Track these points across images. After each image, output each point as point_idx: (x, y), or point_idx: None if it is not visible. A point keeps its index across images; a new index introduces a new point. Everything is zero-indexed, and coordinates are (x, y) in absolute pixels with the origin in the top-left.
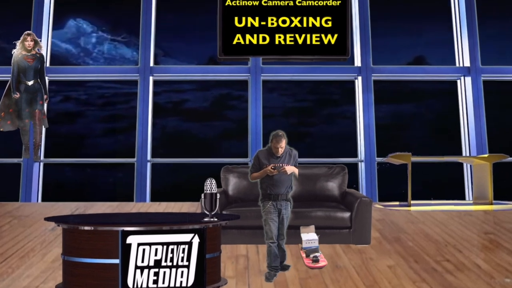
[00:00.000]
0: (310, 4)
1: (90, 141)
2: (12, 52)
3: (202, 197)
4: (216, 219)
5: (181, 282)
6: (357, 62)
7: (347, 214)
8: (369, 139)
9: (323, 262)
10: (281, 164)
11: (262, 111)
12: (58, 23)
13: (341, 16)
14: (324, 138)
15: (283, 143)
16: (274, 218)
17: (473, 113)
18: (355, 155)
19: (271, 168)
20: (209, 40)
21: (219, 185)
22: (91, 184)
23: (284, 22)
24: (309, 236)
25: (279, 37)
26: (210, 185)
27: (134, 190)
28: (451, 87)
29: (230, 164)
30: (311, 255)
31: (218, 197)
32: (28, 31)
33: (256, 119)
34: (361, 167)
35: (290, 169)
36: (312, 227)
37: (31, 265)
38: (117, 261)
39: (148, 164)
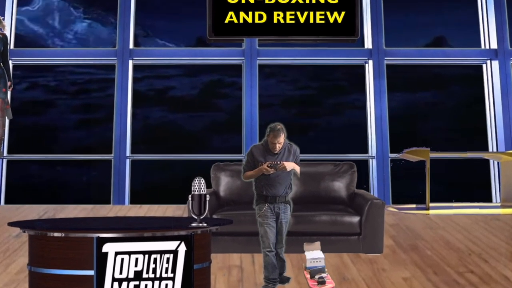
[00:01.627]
0: None
1: (60, 134)
2: None
3: (189, 199)
4: (205, 224)
5: None
6: (368, 43)
7: (356, 219)
8: (381, 132)
9: (330, 284)
10: (278, 162)
11: (258, 100)
12: None
13: None
14: (329, 131)
15: (282, 139)
16: (271, 223)
17: (500, 102)
18: (365, 151)
19: (267, 166)
20: (198, 19)
21: (208, 185)
22: (62, 184)
23: None
24: (314, 254)
25: (278, 15)
26: (199, 185)
27: (111, 190)
28: (476, 72)
29: (222, 161)
30: (317, 276)
31: (207, 199)
32: None
33: (252, 110)
34: (372, 164)
35: (290, 165)
36: (318, 243)
37: None
38: (91, 272)
39: (127, 161)
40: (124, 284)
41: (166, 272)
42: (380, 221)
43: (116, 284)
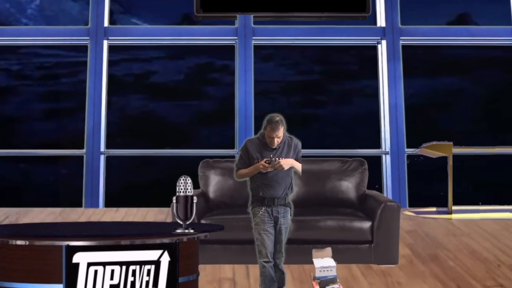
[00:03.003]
0: None
1: (24, 126)
2: None
3: (174, 201)
4: (192, 231)
5: None
6: (381, 21)
7: (367, 224)
8: (396, 124)
9: None
10: (276, 158)
11: (253, 87)
12: None
13: None
14: (336, 122)
15: (281, 132)
16: (269, 229)
17: None
18: (378, 145)
19: (265, 162)
20: None
21: (196, 185)
22: (26, 184)
23: None
24: (324, 262)
25: None
26: (184, 185)
27: (83, 191)
28: (506, 54)
29: (211, 157)
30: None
31: (195, 201)
32: None
33: (246, 98)
34: (386, 161)
35: (288, 162)
36: (329, 250)
37: None
38: (60, 286)
39: (102, 157)
40: None
41: (147, 286)
42: (395, 227)
43: None
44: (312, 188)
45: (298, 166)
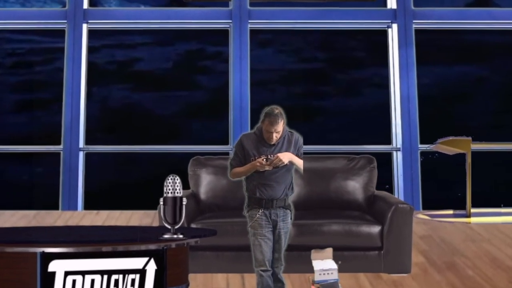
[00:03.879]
0: None
1: None
2: None
3: (161, 203)
4: (181, 236)
5: None
6: (391, 3)
7: (376, 229)
8: (408, 117)
9: None
10: (274, 155)
11: (249, 76)
12: None
13: None
14: (342, 115)
15: (280, 126)
16: (267, 234)
17: None
18: (388, 141)
19: (263, 160)
20: None
21: (186, 185)
22: None
23: None
24: (324, 265)
25: None
26: (173, 186)
27: (59, 192)
28: None
29: (203, 154)
30: None
31: (184, 203)
32: None
33: (241, 88)
34: (397, 158)
35: (287, 155)
36: (329, 250)
37: None
38: None
39: (81, 154)
40: None
41: None
42: (407, 232)
43: None
44: (315, 188)
45: (299, 162)
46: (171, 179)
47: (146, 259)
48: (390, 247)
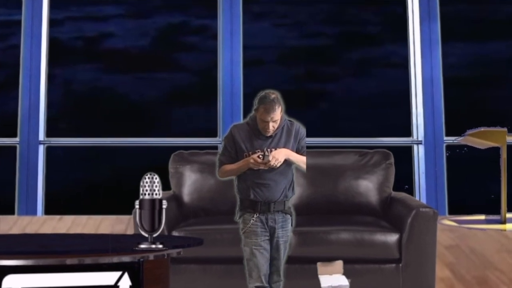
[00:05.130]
0: None
1: None
2: None
3: (137, 206)
4: (161, 246)
5: None
6: None
7: (393, 237)
8: (432, 104)
9: None
10: (273, 150)
11: (242, 54)
12: None
13: None
14: (352, 102)
15: (277, 114)
16: (262, 244)
17: None
18: (408, 133)
19: (258, 157)
20: None
21: (166, 185)
22: None
23: None
24: (333, 281)
25: None
26: (151, 186)
27: (15, 193)
28: None
29: (186, 148)
30: None
31: (164, 206)
32: None
33: (232, 69)
34: (419, 153)
35: (282, 152)
36: (339, 264)
37: None
38: None
39: (41, 148)
40: None
41: None
42: (431, 241)
43: None
44: (320, 189)
45: (300, 159)
46: (149, 178)
47: (118, 273)
48: (410, 259)
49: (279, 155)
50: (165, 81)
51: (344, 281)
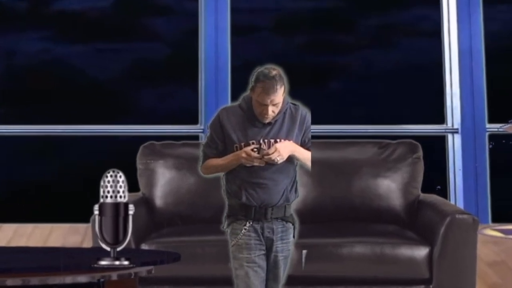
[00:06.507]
0: None
1: None
2: None
3: (96, 212)
4: (127, 263)
5: None
6: None
7: (422, 251)
8: (471, 82)
9: None
10: (271, 141)
11: (230, 19)
12: None
13: None
14: (369, 79)
15: (279, 95)
16: (257, 260)
17: None
18: (440, 119)
19: (252, 150)
20: None
21: (134, 185)
22: None
23: None
24: None
25: None
26: (114, 187)
27: None
28: None
29: (159, 137)
30: None
31: (131, 212)
32: None
33: (217, 38)
34: (454, 144)
35: (287, 148)
36: None
37: None
38: None
39: None
40: None
41: None
42: (469, 256)
43: None
44: (329, 190)
45: (305, 155)
46: (111, 176)
47: None
48: (443, 279)
49: (284, 150)
50: (132, 53)
51: None
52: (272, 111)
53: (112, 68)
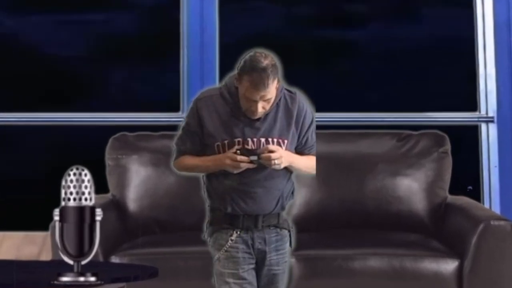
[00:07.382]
0: None
1: None
2: None
3: (56, 218)
4: (93, 279)
5: None
6: None
7: (450, 265)
8: (509, 62)
9: None
10: (262, 142)
11: None
12: None
13: None
14: (387, 59)
15: (271, 90)
16: (246, 276)
17: None
18: (472, 106)
19: (235, 152)
20: None
21: (102, 185)
22: None
23: None
24: None
25: None
26: (78, 187)
27: None
28: None
29: (132, 128)
30: None
31: (99, 218)
32: None
33: (203, 9)
34: (489, 135)
35: (285, 159)
36: None
37: None
38: None
39: None
40: None
41: None
42: (508, 269)
43: None
44: (337, 190)
45: (307, 163)
46: (75, 174)
47: None
48: None
49: (280, 156)
50: (99, 25)
51: None
52: (262, 108)
53: (75, 43)
